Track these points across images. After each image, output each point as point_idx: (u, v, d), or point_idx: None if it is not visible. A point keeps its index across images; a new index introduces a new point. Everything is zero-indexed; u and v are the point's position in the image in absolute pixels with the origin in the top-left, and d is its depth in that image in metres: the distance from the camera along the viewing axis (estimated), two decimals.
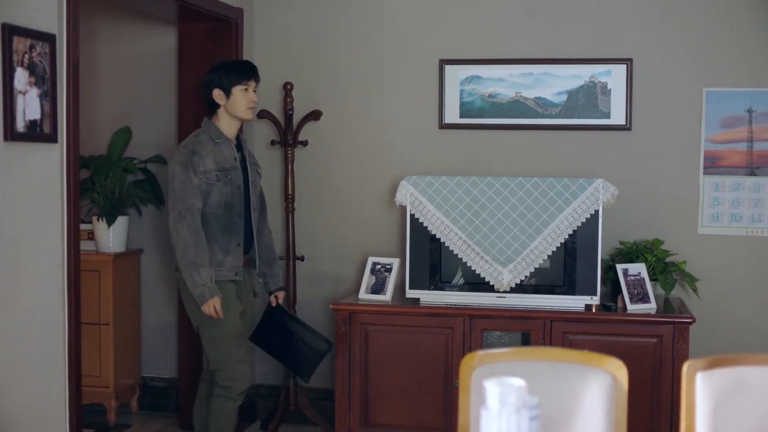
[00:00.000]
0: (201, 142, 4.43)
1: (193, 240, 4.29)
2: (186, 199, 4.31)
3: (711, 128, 5.20)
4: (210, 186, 4.37)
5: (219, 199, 4.39)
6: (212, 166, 4.38)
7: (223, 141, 4.48)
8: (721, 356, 2.79)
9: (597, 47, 5.29)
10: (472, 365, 2.86)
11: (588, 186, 4.77)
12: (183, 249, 4.29)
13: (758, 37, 5.16)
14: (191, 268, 4.29)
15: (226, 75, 4.48)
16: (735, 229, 5.22)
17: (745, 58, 5.17)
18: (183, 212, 4.30)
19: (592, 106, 5.27)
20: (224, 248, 4.43)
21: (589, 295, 4.78)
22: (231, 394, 4.48)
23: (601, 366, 2.80)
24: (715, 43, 5.21)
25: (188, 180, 4.31)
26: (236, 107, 4.49)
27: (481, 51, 5.41)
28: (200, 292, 4.30)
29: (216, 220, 4.40)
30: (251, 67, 4.59)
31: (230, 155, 4.49)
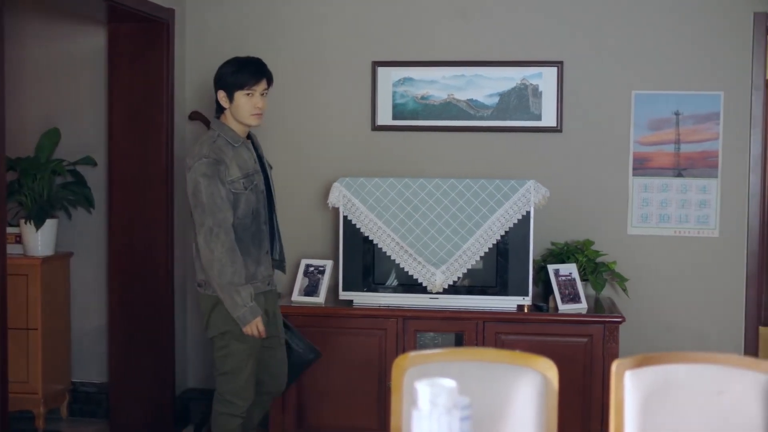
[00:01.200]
0: (221, 148, 4.09)
1: (229, 259, 3.98)
2: (217, 213, 3.99)
3: (639, 130, 5.28)
4: (238, 195, 4.08)
5: (247, 208, 4.12)
6: (238, 174, 4.08)
7: (241, 144, 4.18)
8: (649, 355, 2.83)
9: (528, 50, 5.34)
10: (404, 366, 2.86)
11: (519, 187, 4.81)
12: (219, 269, 3.98)
13: (685, 41, 5.26)
14: (230, 288, 4.00)
15: (229, 77, 4.17)
16: (663, 229, 5.30)
17: (672, 61, 5.26)
18: (215, 229, 3.99)
19: (524, 108, 5.31)
20: (256, 259, 4.17)
21: (521, 295, 4.82)
22: (236, 411, 4.21)
23: (532, 366, 2.82)
24: (644, 47, 5.29)
25: (216, 192, 4.00)
26: (239, 113, 4.16)
27: (414, 53, 5.43)
28: (242, 313, 4.02)
29: (245, 230, 4.12)
30: (257, 69, 4.23)
31: (250, 158, 4.20)
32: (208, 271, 4.03)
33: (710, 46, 5.26)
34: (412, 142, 5.44)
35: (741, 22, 5.23)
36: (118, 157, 5.42)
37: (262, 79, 4.21)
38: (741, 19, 5.23)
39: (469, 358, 2.95)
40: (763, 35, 5.22)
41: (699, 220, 5.27)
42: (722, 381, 2.80)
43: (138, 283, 5.41)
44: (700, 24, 5.26)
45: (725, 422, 2.78)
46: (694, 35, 5.26)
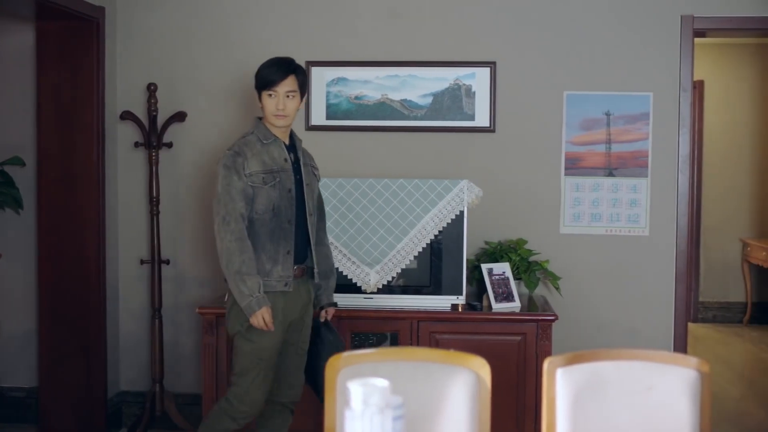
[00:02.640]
0: (248, 143, 4.11)
1: (237, 247, 3.96)
2: (229, 203, 4.00)
3: (571, 130, 5.34)
4: (256, 189, 4.04)
5: (266, 203, 4.06)
6: (258, 168, 4.05)
7: (272, 141, 4.14)
8: (580, 352, 2.86)
9: (461, 50, 5.37)
10: (337, 367, 2.86)
11: (453, 187, 4.83)
12: (228, 257, 3.97)
13: (615, 42, 5.33)
14: (237, 277, 3.96)
15: (257, 77, 4.19)
16: (595, 228, 5.37)
17: (603, 62, 5.33)
18: (227, 218, 3.99)
19: (457, 108, 5.34)
20: (272, 257, 4.08)
21: (455, 294, 4.84)
22: (234, 413, 4.12)
23: (465, 365, 2.84)
24: (575, 48, 5.35)
25: (231, 183, 4.01)
26: (264, 113, 4.16)
27: (348, 53, 5.42)
28: (248, 302, 3.96)
29: (263, 226, 4.06)
30: (280, 69, 4.17)
31: (280, 156, 4.13)
32: (220, 261, 4.03)
33: (640, 48, 5.34)
34: (346, 142, 5.43)
35: (669, 25, 5.32)
36: (47, 158, 5.34)
37: (285, 79, 4.14)
38: (669, 21, 5.32)
39: (402, 357, 2.95)
40: (690, 37, 5.31)
41: (630, 219, 5.34)
42: (651, 377, 2.84)
43: (68, 285, 5.33)
44: (629, 26, 5.33)
45: (654, 417, 2.82)
46: (624, 37, 5.33)
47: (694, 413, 2.81)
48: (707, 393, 2.81)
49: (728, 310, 9.38)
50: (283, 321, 4.12)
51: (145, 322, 5.58)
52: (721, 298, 9.42)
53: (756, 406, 6.41)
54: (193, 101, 5.50)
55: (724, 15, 5.34)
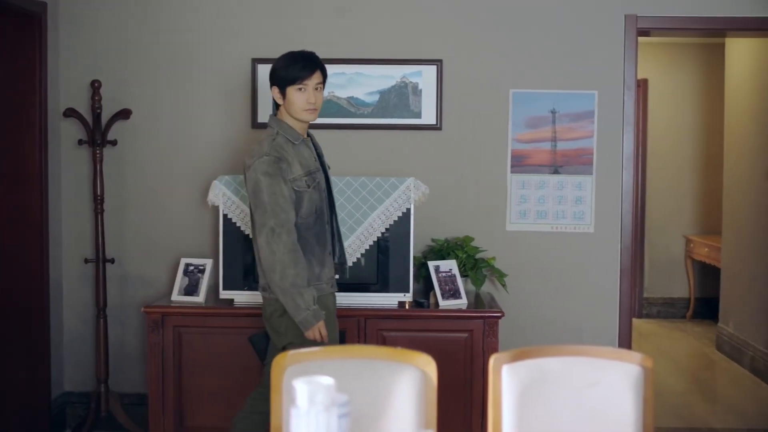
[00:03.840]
0: (282, 146, 3.94)
1: (291, 260, 3.83)
2: (279, 213, 3.84)
3: (517, 128, 5.37)
4: (301, 194, 3.93)
5: (310, 207, 3.97)
6: (301, 172, 3.94)
7: (300, 142, 4.02)
8: (525, 349, 2.88)
9: (408, 48, 5.38)
10: (283, 365, 2.86)
11: (400, 185, 4.84)
12: (281, 271, 3.82)
13: (561, 41, 5.37)
14: (293, 291, 3.83)
15: (282, 71, 3.99)
16: (540, 225, 5.41)
17: (548, 61, 5.37)
18: (277, 229, 3.83)
19: (404, 106, 5.34)
20: (320, 260, 4.02)
21: (402, 292, 4.84)
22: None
23: (411, 362, 2.85)
24: (521, 47, 5.38)
25: (279, 191, 3.86)
26: (292, 109, 3.99)
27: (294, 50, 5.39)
28: (305, 317, 3.85)
29: (308, 230, 3.97)
30: (309, 62, 4.02)
31: (311, 156, 4.06)
32: (269, 274, 3.87)
33: (585, 47, 5.39)
34: None
35: (613, 24, 5.37)
36: None
37: (314, 73, 4.01)
38: (613, 20, 5.37)
39: (348, 355, 2.96)
40: (634, 36, 5.37)
41: (575, 216, 5.39)
42: (596, 373, 2.87)
43: (11, 284, 5.24)
44: (574, 25, 5.38)
45: (599, 413, 2.85)
46: (569, 36, 5.38)
47: (637, 408, 2.84)
48: (650, 388, 2.85)
49: (672, 306, 9.51)
50: (337, 324, 4.10)
51: (90, 321, 5.52)
52: (665, 294, 9.54)
53: (699, 400, 6.51)
54: (139, 98, 5.45)
55: (668, 15, 5.41)
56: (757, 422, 5.96)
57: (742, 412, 6.18)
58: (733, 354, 7.59)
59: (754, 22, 5.42)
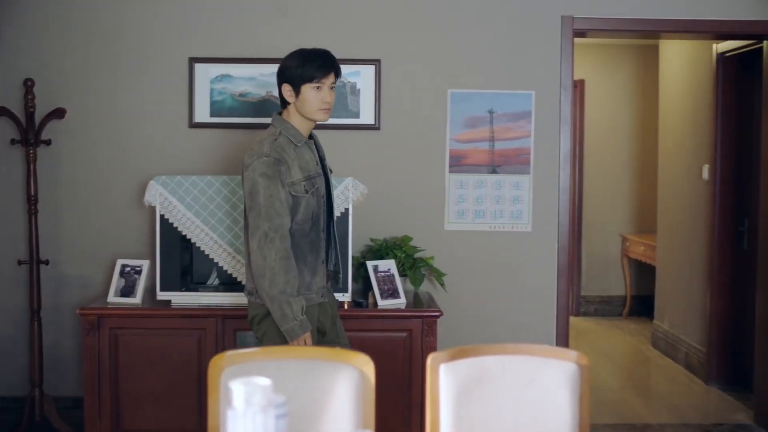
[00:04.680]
0: (282, 147, 3.80)
1: (282, 267, 3.70)
2: (274, 218, 3.72)
3: (455, 128, 5.39)
4: (298, 199, 3.79)
5: (307, 213, 3.83)
6: (299, 176, 3.80)
7: (303, 144, 3.87)
8: (463, 347, 2.90)
9: (346, 48, 5.36)
10: (221, 366, 2.83)
11: (338, 185, 4.83)
12: (271, 277, 3.70)
13: (498, 41, 5.40)
14: (281, 298, 3.71)
15: (296, 69, 3.85)
16: (479, 224, 5.43)
17: (486, 61, 5.40)
18: (270, 234, 3.71)
19: (342, 105, 5.34)
20: (312, 268, 3.89)
21: (340, 292, 4.83)
22: None
23: (349, 362, 2.84)
24: (459, 47, 5.41)
25: (276, 195, 3.72)
26: (305, 108, 3.86)
27: (232, 49, 5.37)
28: (291, 327, 3.72)
29: (303, 237, 3.84)
30: (326, 61, 3.91)
31: (312, 160, 3.90)
32: (258, 279, 3.75)
33: (522, 47, 5.43)
34: (231, 140, 5.38)
35: (550, 25, 5.42)
36: None
37: (332, 72, 3.90)
38: (550, 21, 5.42)
39: (287, 356, 2.95)
40: (570, 37, 5.42)
41: (513, 216, 5.43)
42: (533, 371, 2.89)
43: None
44: (512, 25, 5.42)
45: (536, 410, 2.87)
46: (506, 36, 5.42)
47: (573, 404, 2.87)
48: (586, 385, 2.88)
49: (609, 304, 9.62)
50: (317, 333, 3.96)
51: (23, 324, 5.43)
52: (602, 293, 9.66)
53: (634, 396, 6.59)
54: (74, 98, 5.37)
55: (603, 16, 5.47)
56: (691, 417, 6.05)
57: (677, 407, 6.28)
58: (668, 350, 7.70)
59: (687, 24, 5.51)
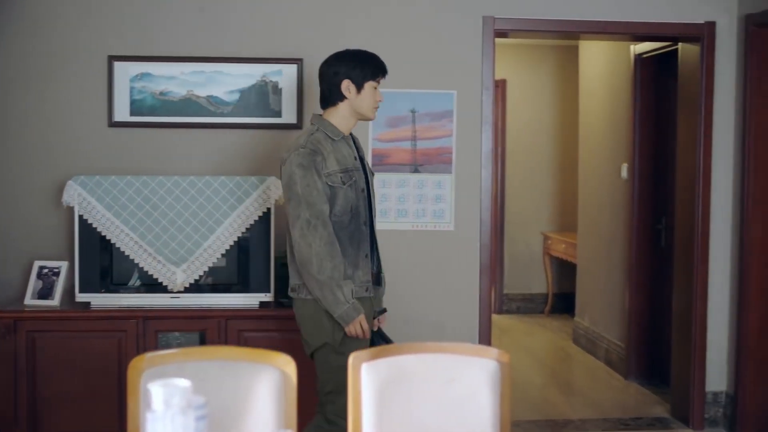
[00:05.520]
0: (318, 140, 3.87)
1: (328, 252, 3.72)
2: (314, 205, 3.75)
3: (378, 127, 5.40)
4: (335, 190, 3.82)
5: (344, 204, 3.85)
6: (336, 167, 3.84)
7: (340, 139, 3.94)
8: (384, 347, 2.92)
9: (268, 47, 5.34)
10: (140, 368, 2.81)
11: (260, 184, 4.81)
12: (319, 264, 3.71)
13: (420, 41, 5.42)
14: (331, 283, 3.71)
15: (360, 66, 3.97)
16: (401, 224, 5.45)
17: (408, 60, 5.41)
18: (312, 221, 3.73)
19: (264, 105, 5.31)
20: (353, 261, 3.87)
21: (263, 292, 4.82)
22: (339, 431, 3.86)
23: (271, 362, 2.83)
24: (381, 46, 5.39)
25: (312, 184, 3.76)
26: (364, 105, 3.97)
27: (152, 47, 5.31)
28: (345, 310, 3.72)
29: (342, 229, 3.84)
30: (383, 62, 4.11)
31: (350, 155, 3.96)
32: (305, 267, 3.74)
33: (444, 47, 5.46)
34: (151, 139, 5.31)
35: (471, 25, 5.46)
36: None
37: (386, 74, 4.11)
38: (471, 21, 5.46)
39: (207, 357, 2.93)
40: (492, 37, 5.47)
41: (435, 215, 5.46)
42: (454, 369, 2.91)
43: None
44: (434, 26, 5.44)
45: (457, 408, 2.89)
46: (428, 36, 5.44)
47: (494, 402, 2.89)
48: (507, 382, 2.90)
49: (531, 302, 9.74)
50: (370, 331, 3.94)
51: None
52: (525, 290, 9.77)
53: (556, 393, 6.68)
54: None
55: (524, 17, 5.53)
56: (611, 412, 6.15)
57: (597, 402, 6.38)
58: (588, 347, 7.82)
59: (606, 25, 5.60)
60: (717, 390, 5.78)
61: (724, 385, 5.78)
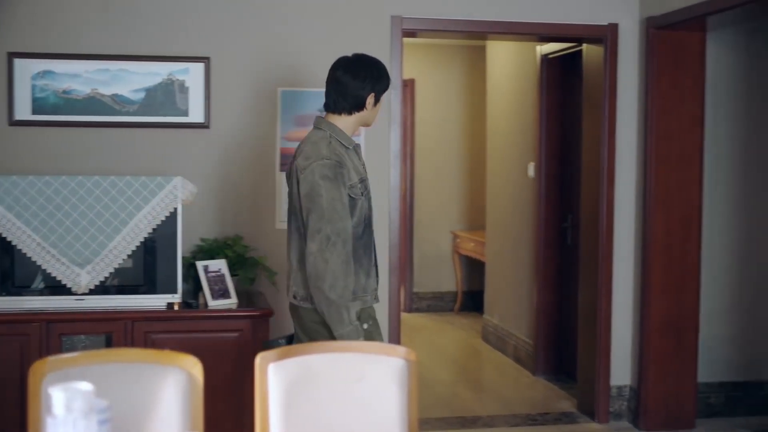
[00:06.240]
0: (338, 150, 3.77)
1: (343, 272, 3.65)
2: (336, 221, 3.65)
3: (286, 126, 5.38)
4: (354, 201, 3.76)
5: (361, 215, 3.80)
6: (356, 179, 3.78)
7: (352, 147, 3.86)
8: (292, 346, 2.91)
9: (175, 45, 5.29)
10: (42, 372, 2.75)
11: (167, 184, 4.75)
12: (332, 281, 3.62)
13: (328, 40, 5.42)
14: (340, 303, 3.64)
15: (384, 80, 3.94)
16: None
17: (316, 59, 5.39)
18: (333, 238, 3.63)
19: (171, 103, 5.25)
20: (366, 270, 3.84)
21: (170, 293, 4.76)
22: None
23: (177, 364, 2.80)
24: (289, 46, 5.40)
25: (338, 198, 3.67)
26: (373, 116, 3.95)
27: (55, 45, 5.20)
28: (348, 331, 3.65)
29: (358, 239, 3.79)
30: None
31: (359, 163, 3.89)
32: (317, 282, 3.65)
33: (352, 47, 5.40)
34: (54, 139, 5.21)
35: (380, 24, 5.48)
36: None
37: None
38: (380, 21, 5.48)
39: (112, 359, 2.88)
40: (400, 37, 5.49)
41: None
42: (361, 368, 2.92)
43: None
44: (342, 25, 5.45)
45: (365, 406, 2.90)
46: (337, 35, 5.44)
47: (402, 399, 2.91)
48: (414, 380, 2.92)
49: (441, 300, 9.82)
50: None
51: None
52: (434, 289, 9.84)
53: (465, 389, 6.75)
54: None
55: (432, 17, 5.57)
56: (519, 407, 6.24)
57: (506, 398, 6.46)
58: (497, 344, 7.91)
59: (512, 26, 5.68)
60: (621, 384, 5.90)
61: (628, 379, 5.91)
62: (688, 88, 5.68)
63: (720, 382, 6.05)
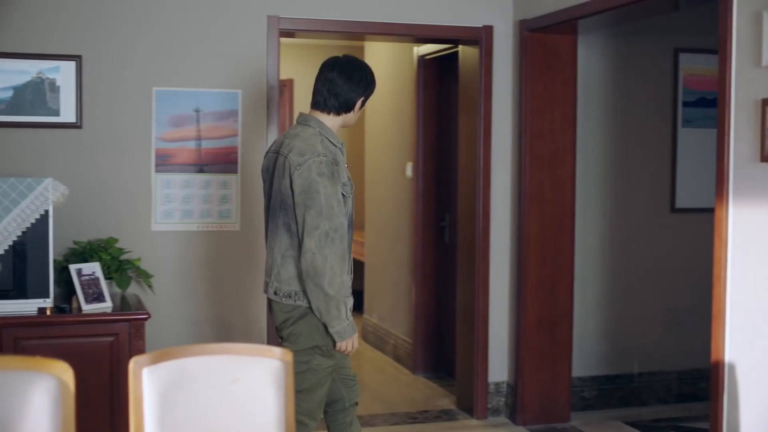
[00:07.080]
0: (330, 148, 3.79)
1: (340, 267, 3.70)
2: (334, 218, 3.69)
3: (161, 127, 5.30)
4: (345, 199, 3.81)
5: (346, 214, 3.84)
6: (346, 178, 3.85)
7: (339, 146, 3.89)
8: (167, 349, 2.85)
9: (45, 42, 5.15)
10: None
11: (36, 186, 4.62)
12: (331, 278, 3.66)
13: (205, 39, 5.37)
14: (338, 298, 3.70)
15: (372, 86, 3.98)
16: (187, 224, 5.37)
17: (192, 59, 5.35)
18: (331, 234, 3.67)
19: (41, 103, 5.11)
20: (350, 268, 3.87)
21: (41, 297, 4.63)
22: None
23: (46, 370, 2.72)
24: (164, 44, 5.32)
25: (334, 195, 3.71)
26: (355, 118, 4.00)
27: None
28: (344, 327, 3.73)
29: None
30: None
31: (344, 162, 3.92)
32: (315, 279, 3.67)
33: (228, 46, 5.42)
34: None
35: (256, 24, 5.45)
36: None
37: None
38: (256, 21, 5.45)
39: None
40: (276, 37, 5.47)
41: (221, 215, 5.41)
42: (237, 370, 2.89)
43: None
44: (218, 24, 5.40)
45: (242, 408, 2.88)
46: (213, 35, 5.39)
47: (279, 400, 2.90)
48: (291, 380, 2.91)
49: None
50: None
51: None
52: None
53: None
54: None
55: (309, 17, 5.57)
56: (399, 406, 6.29)
57: (385, 397, 6.49)
58: (377, 343, 7.96)
59: (389, 27, 5.72)
60: (499, 380, 6.01)
61: (505, 375, 6.01)
62: (560, 89, 5.82)
63: (593, 375, 6.22)
